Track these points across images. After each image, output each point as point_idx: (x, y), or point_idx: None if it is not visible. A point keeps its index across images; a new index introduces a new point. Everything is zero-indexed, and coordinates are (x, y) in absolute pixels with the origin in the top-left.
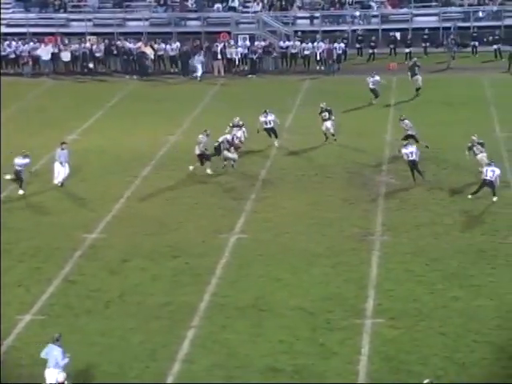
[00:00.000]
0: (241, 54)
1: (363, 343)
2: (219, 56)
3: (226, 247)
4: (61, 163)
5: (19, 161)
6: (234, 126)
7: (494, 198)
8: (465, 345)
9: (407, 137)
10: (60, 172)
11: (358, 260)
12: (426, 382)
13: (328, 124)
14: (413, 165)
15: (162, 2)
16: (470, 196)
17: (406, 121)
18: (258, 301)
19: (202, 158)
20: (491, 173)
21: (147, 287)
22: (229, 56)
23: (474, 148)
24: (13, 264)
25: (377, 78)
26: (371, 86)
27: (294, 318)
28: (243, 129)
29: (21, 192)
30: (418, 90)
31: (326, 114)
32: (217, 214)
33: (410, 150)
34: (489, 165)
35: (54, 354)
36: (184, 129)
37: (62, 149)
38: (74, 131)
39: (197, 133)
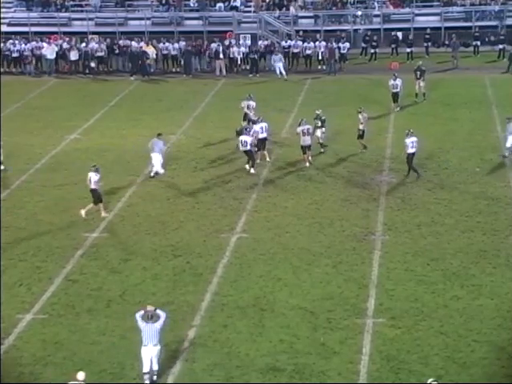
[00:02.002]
0: (243, 54)
1: (364, 343)
2: (221, 55)
3: (227, 246)
4: (158, 153)
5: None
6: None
7: None
8: (465, 344)
9: (361, 132)
10: (158, 162)
11: (359, 259)
12: (430, 381)
13: (318, 133)
14: (411, 158)
15: (163, 2)
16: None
17: (364, 114)
18: (259, 300)
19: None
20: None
21: (148, 286)
22: (231, 55)
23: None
24: (13, 263)
25: (398, 81)
26: (393, 90)
27: (294, 317)
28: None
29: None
30: (423, 94)
31: (319, 122)
32: (218, 214)
33: (412, 140)
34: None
35: (151, 330)
36: (185, 128)
37: (159, 139)
38: (75, 130)
39: (198, 132)
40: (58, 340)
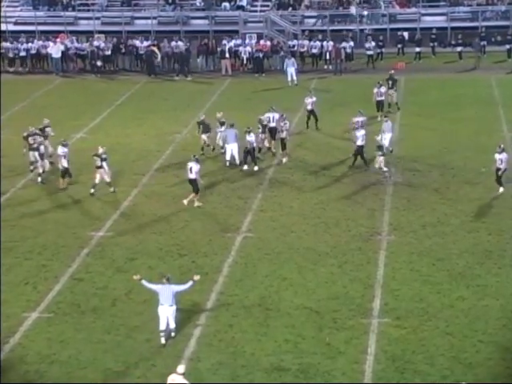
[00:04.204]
0: (248, 53)
1: (369, 343)
2: (227, 55)
3: (233, 246)
4: (235, 142)
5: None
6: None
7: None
8: (471, 345)
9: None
10: (234, 152)
11: (365, 259)
12: None
13: (262, 136)
14: (361, 151)
15: (170, 1)
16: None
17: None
18: (264, 300)
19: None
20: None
21: None
22: (243, 55)
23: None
24: (19, 262)
25: (383, 89)
26: (378, 98)
27: (299, 317)
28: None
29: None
30: (396, 104)
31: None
32: (223, 213)
33: (362, 133)
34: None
35: (168, 292)
36: (191, 127)
37: (232, 128)
38: (81, 129)
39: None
40: (64, 338)
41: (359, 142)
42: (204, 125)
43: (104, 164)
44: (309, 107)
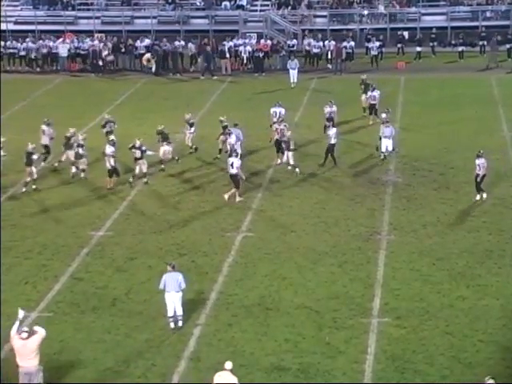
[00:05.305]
0: (248, 53)
1: (369, 342)
2: (227, 54)
3: (233, 245)
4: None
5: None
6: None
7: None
8: (471, 344)
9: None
10: (238, 150)
11: (365, 259)
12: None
13: (223, 137)
14: (332, 148)
15: (170, 0)
16: None
17: (334, 129)
18: (264, 299)
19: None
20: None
21: (153, 285)
22: (243, 55)
23: None
24: (19, 261)
25: (376, 92)
26: (371, 102)
27: (299, 316)
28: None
29: None
30: (365, 109)
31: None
32: (223, 213)
33: (333, 132)
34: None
35: (173, 279)
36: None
37: (236, 128)
38: (81, 129)
39: (204, 131)
40: (63, 338)
41: (332, 141)
42: (163, 134)
43: (143, 155)
44: (327, 116)
